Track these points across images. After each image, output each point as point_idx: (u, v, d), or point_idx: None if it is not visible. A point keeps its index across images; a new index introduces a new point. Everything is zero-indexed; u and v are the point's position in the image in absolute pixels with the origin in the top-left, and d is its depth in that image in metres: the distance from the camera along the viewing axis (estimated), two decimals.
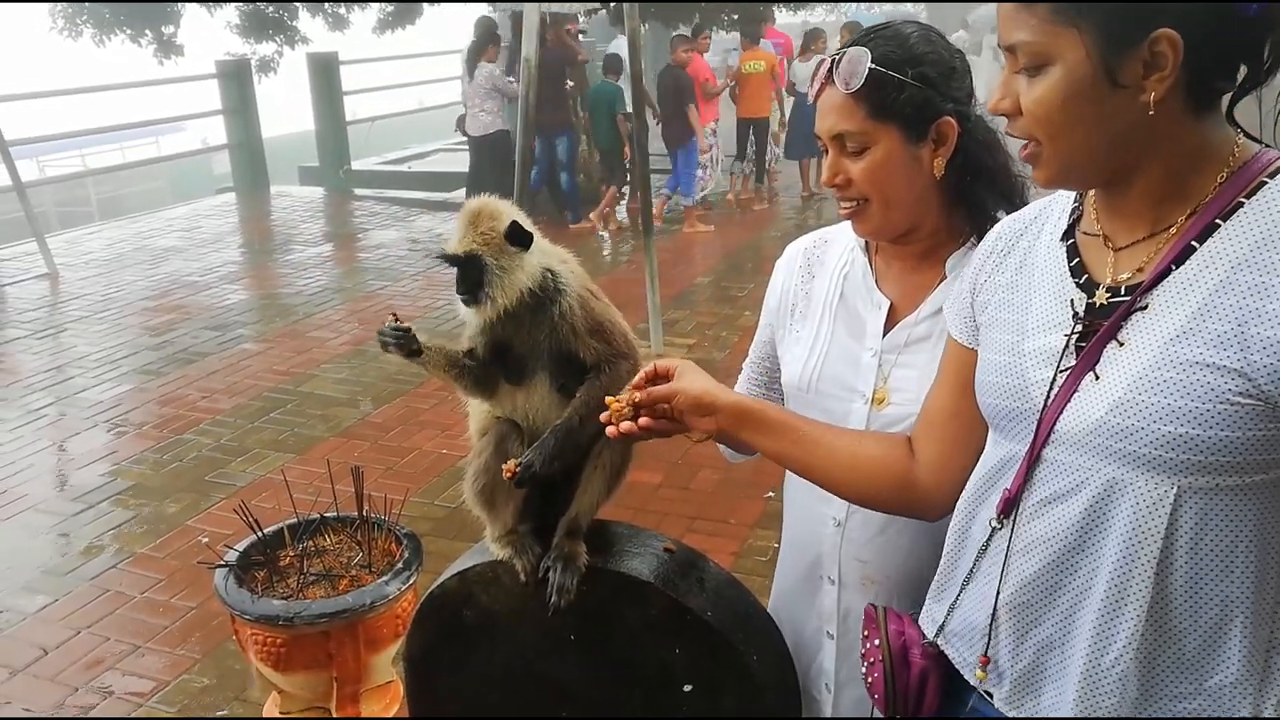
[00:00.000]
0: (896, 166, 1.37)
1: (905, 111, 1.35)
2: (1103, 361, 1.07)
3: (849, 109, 1.36)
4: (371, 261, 8.48)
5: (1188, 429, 0.99)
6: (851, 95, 1.35)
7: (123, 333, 6.60)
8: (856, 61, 1.34)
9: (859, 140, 1.37)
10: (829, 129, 1.39)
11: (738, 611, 1.56)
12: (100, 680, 3.11)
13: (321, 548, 2.41)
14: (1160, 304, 1.05)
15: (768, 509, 4.00)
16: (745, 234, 9.19)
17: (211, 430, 4.99)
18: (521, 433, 1.61)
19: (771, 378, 1.67)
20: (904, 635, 1.31)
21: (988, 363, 1.20)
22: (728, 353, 5.94)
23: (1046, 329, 1.13)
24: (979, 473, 1.22)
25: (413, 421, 5.05)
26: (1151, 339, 1.04)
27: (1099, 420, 1.05)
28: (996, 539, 1.17)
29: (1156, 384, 1.01)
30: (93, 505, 4.24)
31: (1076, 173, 1.09)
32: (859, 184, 1.39)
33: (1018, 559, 1.14)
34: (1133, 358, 1.05)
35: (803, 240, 1.64)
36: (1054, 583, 1.11)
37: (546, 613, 1.53)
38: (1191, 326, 1.01)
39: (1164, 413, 1.00)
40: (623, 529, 1.68)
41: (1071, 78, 1.01)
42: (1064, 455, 1.09)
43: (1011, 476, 1.14)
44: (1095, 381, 1.07)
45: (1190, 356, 1.00)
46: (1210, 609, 1.04)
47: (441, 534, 3.83)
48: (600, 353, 1.58)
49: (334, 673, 2.26)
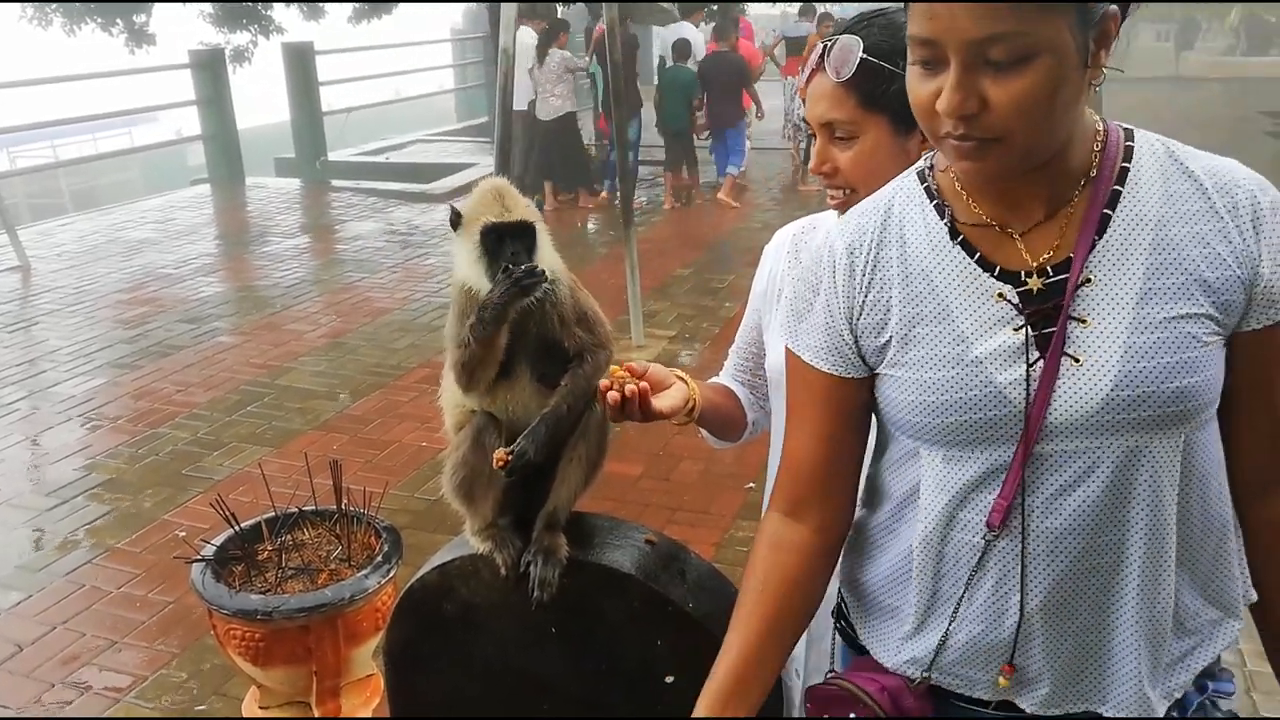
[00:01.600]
0: (884, 157, 1.37)
1: (895, 103, 1.34)
2: (1071, 343, 1.07)
3: (839, 98, 1.36)
4: (349, 253, 8.42)
5: (1187, 380, 1.05)
6: (842, 84, 1.35)
7: (96, 326, 6.53)
8: (848, 50, 1.33)
9: (848, 129, 1.37)
10: (819, 116, 1.39)
11: (720, 603, 1.56)
12: (77, 676, 3.08)
13: (300, 541, 2.39)
14: (1103, 274, 1.07)
15: (749, 500, 4.01)
16: (725, 225, 9.19)
17: (187, 424, 4.94)
18: (500, 425, 1.61)
19: (757, 363, 1.68)
20: (884, 688, 1.20)
21: (926, 382, 1.11)
22: (708, 345, 5.94)
23: (988, 329, 1.09)
24: (936, 494, 1.14)
25: (392, 414, 5.02)
26: (1115, 309, 1.06)
27: (1104, 399, 1.05)
28: (996, 550, 1.11)
29: (1147, 348, 1.05)
30: (67, 500, 4.20)
31: (1031, 159, 1.04)
32: (846, 173, 1.40)
33: (1041, 561, 1.10)
34: (1105, 331, 1.06)
35: (790, 226, 1.65)
36: (1088, 567, 1.10)
37: (528, 606, 1.53)
38: (1150, 287, 1.06)
39: (1165, 371, 1.04)
40: (603, 521, 1.68)
41: (1062, 63, 0.97)
42: (1063, 445, 1.07)
43: (997, 484, 1.10)
44: (1076, 365, 1.06)
45: (1163, 314, 1.05)
46: (1214, 528, 1.14)
47: (421, 527, 3.82)
48: (584, 342, 1.58)
49: (313, 667, 2.25)
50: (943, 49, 0.99)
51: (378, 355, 5.88)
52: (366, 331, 6.32)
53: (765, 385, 1.67)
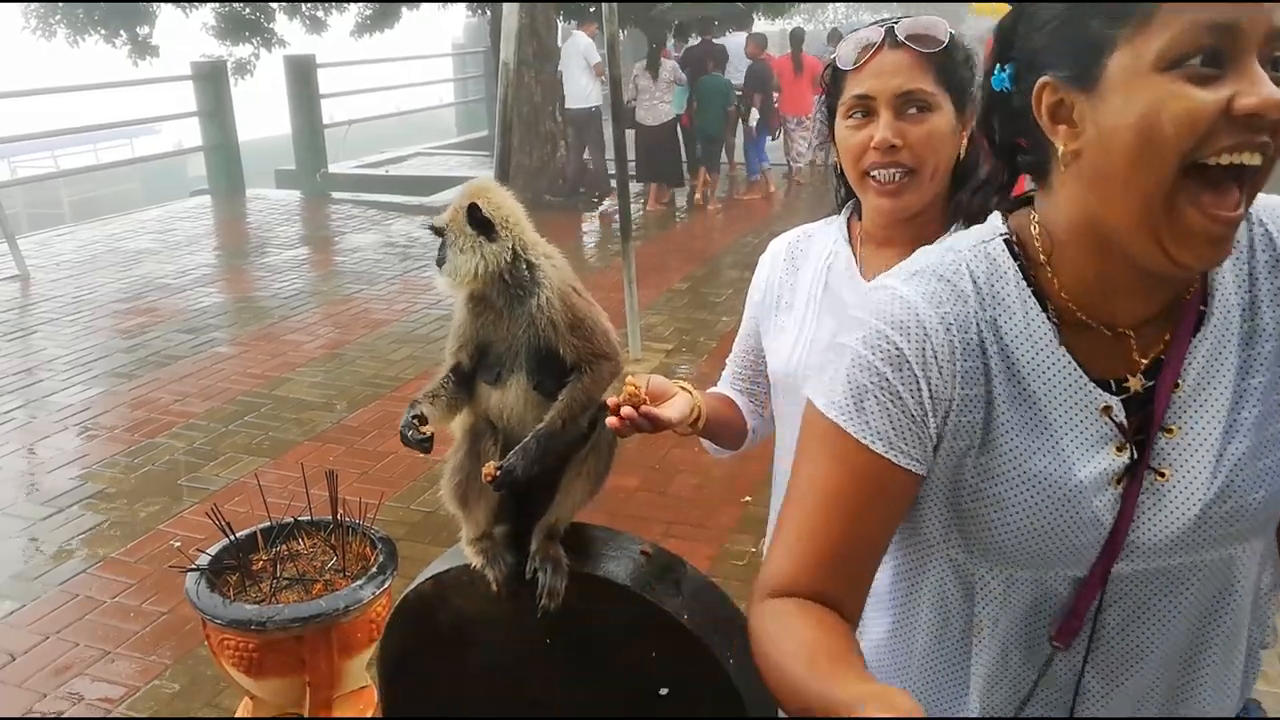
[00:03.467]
0: (947, 136, 1.40)
1: (960, 86, 1.39)
2: (1156, 455, 0.96)
3: (921, 69, 1.37)
4: (348, 265, 8.43)
5: (1277, 483, 0.96)
6: (925, 56, 1.37)
7: (94, 335, 6.52)
8: (937, 25, 1.37)
9: (927, 100, 1.38)
10: (896, 88, 1.38)
11: (715, 615, 1.56)
12: (69, 686, 3.07)
13: (295, 552, 2.39)
14: (1194, 376, 0.96)
15: (746, 513, 4.00)
16: (723, 239, 9.21)
17: (184, 434, 4.93)
18: (497, 432, 1.61)
19: (756, 372, 1.69)
20: None
21: (1017, 502, 0.97)
22: (705, 358, 5.94)
23: (1091, 448, 0.96)
24: (997, 616, 1.02)
25: (388, 425, 5.01)
26: (1202, 415, 0.95)
27: (1196, 517, 0.96)
28: (1059, 662, 1.03)
29: (1239, 457, 0.95)
30: (62, 509, 4.18)
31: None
32: (915, 148, 1.38)
33: (1101, 677, 1.03)
34: (1192, 443, 0.96)
35: (785, 235, 1.66)
36: (1154, 682, 1.03)
37: (523, 617, 1.53)
38: (1241, 386, 0.95)
39: (1257, 478, 0.95)
40: (600, 532, 1.68)
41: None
42: (1144, 564, 0.98)
43: (1061, 601, 1.00)
44: (1164, 480, 0.96)
45: (1253, 416, 0.95)
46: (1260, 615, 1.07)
47: (416, 538, 3.81)
48: (581, 350, 1.57)
49: (307, 678, 2.25)
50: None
51: (375, 367, 5.88)
52: (364, 343, 6.32)
53: (764, 393, 1.68)
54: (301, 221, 10.38)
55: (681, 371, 5.77)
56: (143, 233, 9.60)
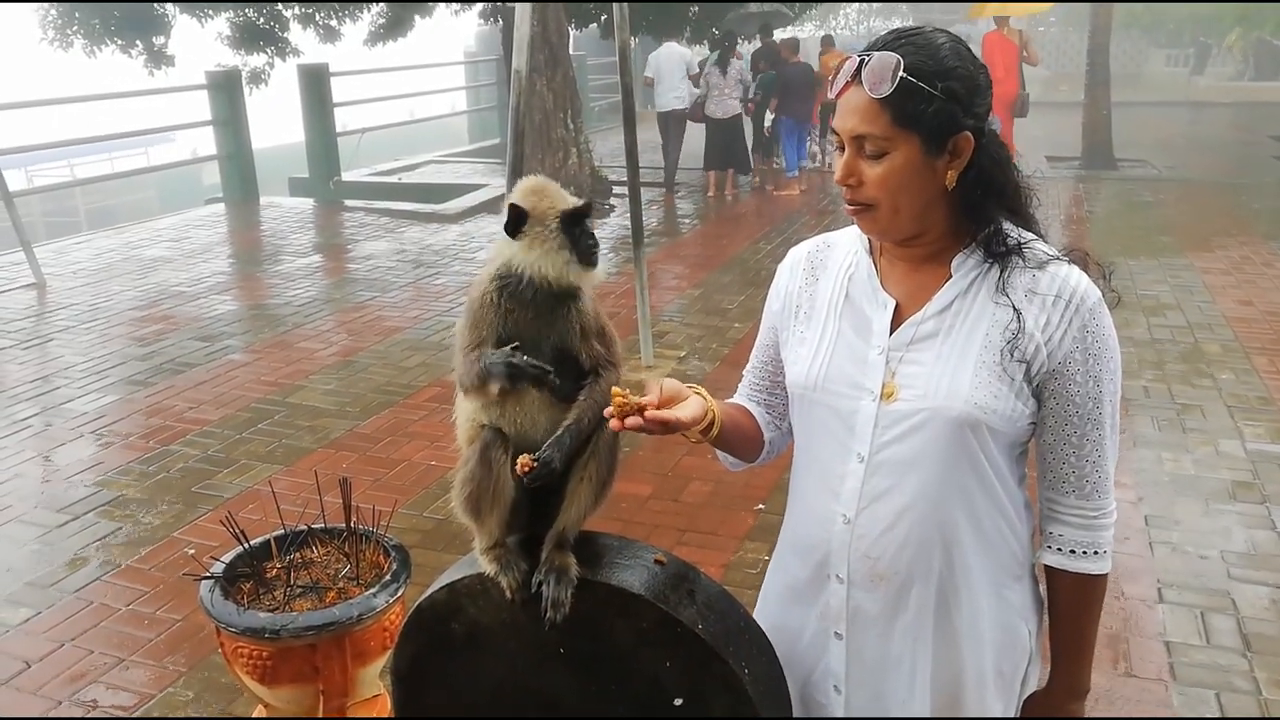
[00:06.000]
0: (911, 175, 1.37)
1: (929, 124, 1.34)
2: None
3: (874, 113, 1.35)
4: (361, 272, 8.46)
5: None
6: (878, 100, 1.34)
7: (110, 343, 6.56)
8: (887, 67, 1.33)
9: (879, 145, 1.36)
10: (850, 129, 1.38)
11: (729, 624, 1.55)
12: (84, 694, 3.08)
13: (309, 560, 2.39)
14: None
15: (759, 521, 3.99)
16: (735, 247, 9.20)
17: (199, 441, 4.95)
18: (507, 440, 1.60)
19: (774, 382, 1.68)
20: None
21: None
22: (717, 365, 5.94)
23: None
24: None
25: (401, 433, 5.02)
26: None
27: None
28: None
29: None
30: (78, 517, 4.20)
31: None
32: (871, 188, 1.39)
33: None
34: None
35: (805, 244, 1.65)
36: None
37: (537, 626, 1.52)
38: None
39: None
40: (613, 540, 1.67)
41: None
42: None
43: None
44: None
45: None
46: None
47: (430, 546, 3.81)
48: (599, 357, 1.58)
49: (321, 686, 2.24)
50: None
51: (388, 374, 5.90)
52: (378, 350, 6.33)
53: (781, 404, 1.67)
54: (315, 229, 10.43)
55: (694, 376, 5.77)
56: (158, 241, 9.66)
